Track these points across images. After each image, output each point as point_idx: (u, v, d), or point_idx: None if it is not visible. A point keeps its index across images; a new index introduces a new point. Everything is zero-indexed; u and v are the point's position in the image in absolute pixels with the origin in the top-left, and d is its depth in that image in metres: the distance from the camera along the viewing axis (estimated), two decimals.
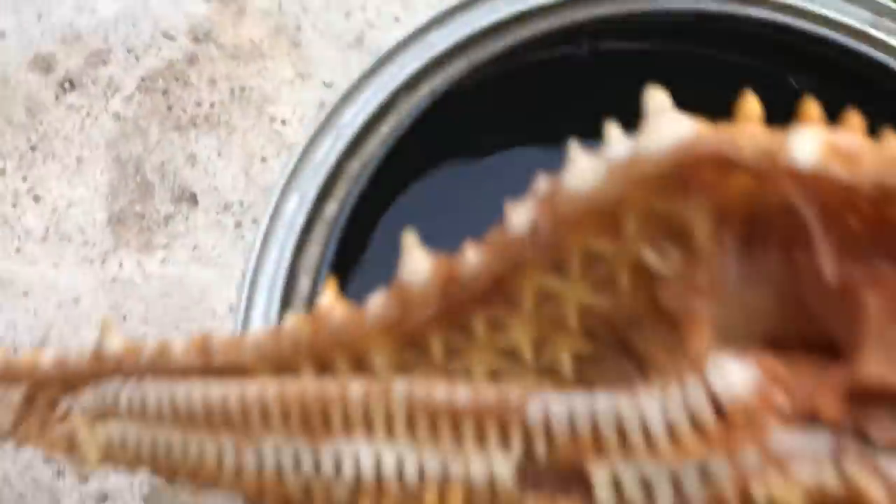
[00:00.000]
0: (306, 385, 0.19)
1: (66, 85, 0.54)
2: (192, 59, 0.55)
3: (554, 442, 0.18)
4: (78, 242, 0.51)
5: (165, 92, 0.54)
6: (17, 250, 0.51)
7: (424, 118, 0.25)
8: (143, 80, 0.54)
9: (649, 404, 0.17)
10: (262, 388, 0.19)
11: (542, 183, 0.18)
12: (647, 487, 0.17)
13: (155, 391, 0.20)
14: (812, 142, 0.16)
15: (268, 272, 0.23)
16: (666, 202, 0.17)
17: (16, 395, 0.22)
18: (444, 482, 0.18)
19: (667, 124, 0.16)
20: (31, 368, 0.22)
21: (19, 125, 0.53)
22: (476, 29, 0.26)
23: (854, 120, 0.16)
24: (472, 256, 0.18)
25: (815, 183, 0.16)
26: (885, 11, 0.27)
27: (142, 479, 0.48)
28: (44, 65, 0.54)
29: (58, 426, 0.22)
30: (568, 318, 0.19)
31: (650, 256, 0.18)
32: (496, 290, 0.18)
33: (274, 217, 0.23)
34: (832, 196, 0.16)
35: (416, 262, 0.18)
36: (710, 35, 0.27)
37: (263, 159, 0.53)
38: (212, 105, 0.54)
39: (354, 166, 0.25)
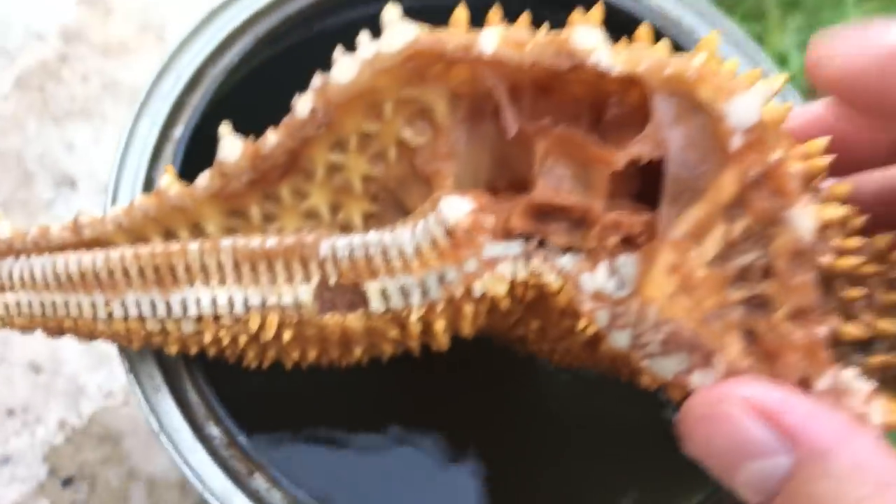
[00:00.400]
0: (155, 246, 0.25)
1: None
2: (63, 58, 0.59)
3: (340, 269, 0.24)
4: None
5: (41, 89, 0.58)
6: None
7: (250, 58, 0.31)
8: (18, 78, 0.58)
9: (403, 234, 0.24)
10: (121, 252, 0.25)
11: (316, 78, 0.24)
12: (405, 294, 0.24)
13: (39, 264, 0.25)
14: (493, 35, 0.23)
15: (128, 179, 0.28)
16: (412, 90, 0.24)
17: None
18: (264, 310, 0.24)
19: (398, 30, 0.23)
20: None
21: None
22: None
23: (524, 19, 0.23)
24: (271, 137, 0.25)
25: (497, 64, 0.23)
26: None
27: (42, 440, 0.51)
28: None
29: None
30: (354, 185, 0.25)
31: (407, 132, 0.24)
32: (293, 163, 0.25)
33: (130, 135, 0.29)
34: (512, 73, 0.23)
35: (230, 144, 0.25)
36: None
37: None
38: (86, 99, 0.59)
39: (196, 97, 0.30)
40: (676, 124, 0.23)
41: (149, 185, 0.28)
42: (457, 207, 0.23)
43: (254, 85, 0.31)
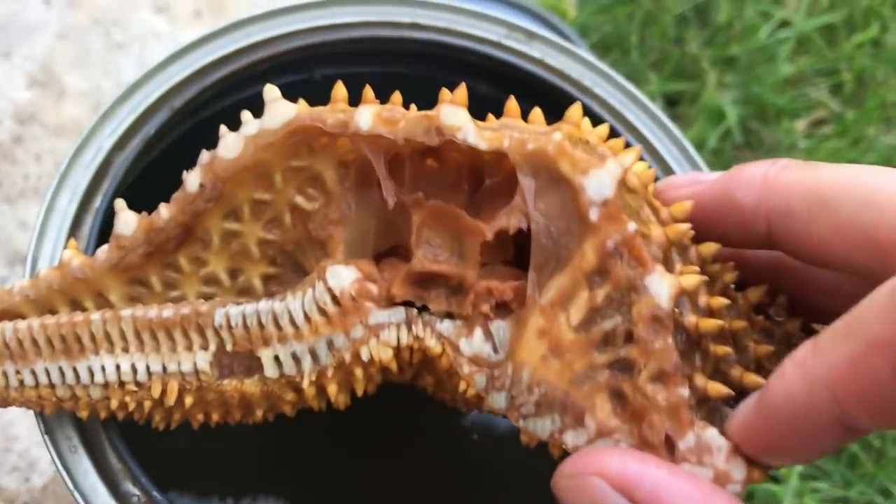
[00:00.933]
0: (61, 317, 0.26)
1: None
2: (17, 139, 0.61)
3: (234, 336, 0.25)
4: None
5: None
6: None
7: (167, 130, 0.32)
8: None
9: (293, 302, 0.25)
10: (29, 323, 0.26)
11: (204, 155, 0.26)
12: (297, 360, 0.25)
13: None
14: (367, 112, 0.24)
15: (47, 250, 0.30)
16: (300, 161, 0.26)
17: None
18: (165, 376, 0.25)
19: (279, 107, 0.25)
20: None
21: None
22: (210, 59, 0.34)
23: (395, 97, 0.25)
24: (164, 211, 0.26)
25: (373, 139, 0.24)
26: (515, 28, 0.37)
27: None
28: None
29: None
30: (251, 250, 0.26)
31: (299, 199, 0.26)
32: (188, 234, 0.26)
33: (49, 207, 0.30)
34: (390, 145, 0.25)
35: (125, 218, 0.26)
36: (387, 56, 0.36)
37: None
38: (39, 177, 0.60)
39: (115, 167, 0.32)
40: (541, 196, 0.24)
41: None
42: (342, 276, 0.25)
43: (172, 155, 0.32)
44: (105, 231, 0.30)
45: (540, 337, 0.24)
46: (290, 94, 0.26)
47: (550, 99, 0.35)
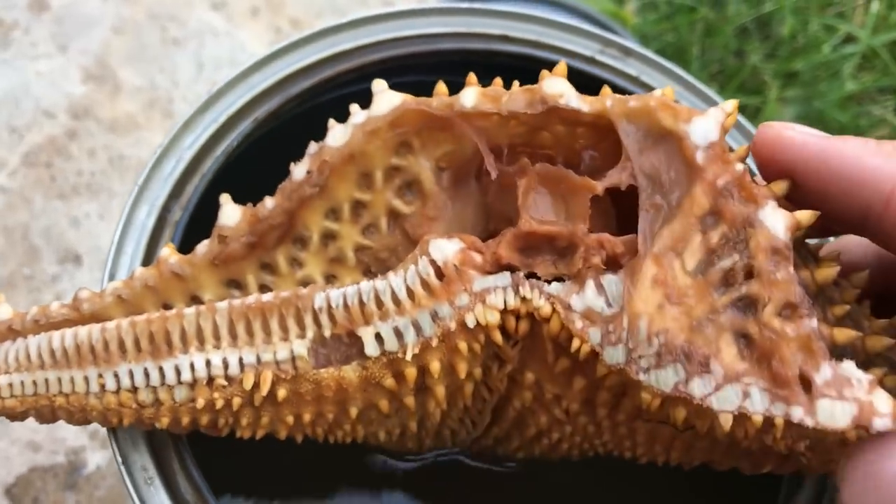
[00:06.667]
0: (151, 314, 0.25)
1: None
2: (72, 134, 0.60)
3: (335, 318, 0.24)
4: None
5: (48, 164, 0.59)
6: None
7: (247, 140, 0.31)
8: (26, 155, 0.59)
9: (394, 279, 0.24)
10: (118, 322, 0.25)
11: (312, 146, 0.26)
12: (399, 335, 0.24)
13: (35, 342, 0.26)
14: (471, 92, 0.24)
15: (124, 263, 0.29)
16: (400, 159, 0.26)
17: None
18: (259, 367, 0.25)
19: (386, 97, 0.25)
20: None
21: None
22: (294, 68, 0.33)
23: (497, 81, 0.25)
24: (268, 201, 0.26)
25: (478, 116, 0.24)
26: (610, 43, 0.35)
27: (8, 470, 0.51)
28: None
29: None
30: (347, 255, 0.26)
31: (396, 201, 0.26)
32: (290, 227, 0.26)
33: (128, 220, 0.29)
34: (491, 130, 0.24)
35: (230, 210, 0.26)
36: (476, 68, 0.35)
37: None
38: (92, 174, 0.59)
39: (195, 180, 0.31)
40: (645, 151, 0.24)
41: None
42: (446, 248, 0.24)
43: (249, 166, 0.31)
44: (183, 246, 0.29)
45: (655, 286, 0.23)
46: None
47: None
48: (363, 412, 0.26)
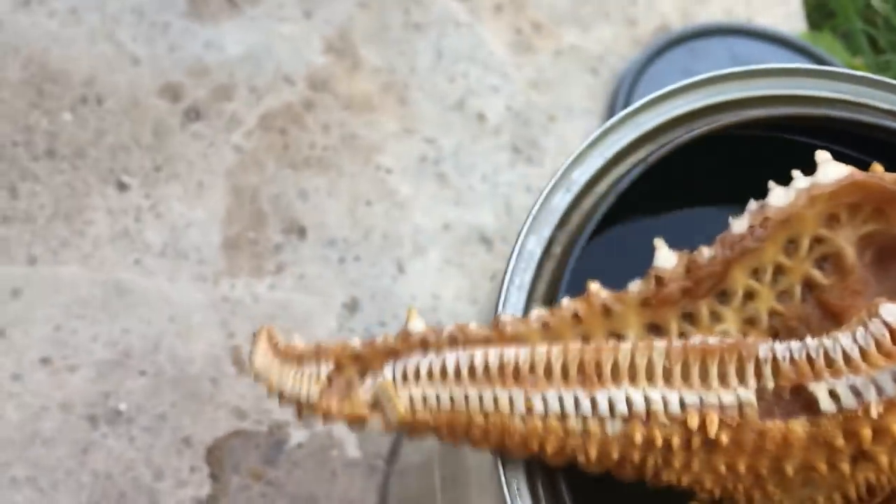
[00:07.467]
0: (583, 346, 0.24)
1: (192, 114, 0.58)
2: (308, 105, 0.60)
3: (780, 371, 0.24)
4: (193, 261, 0.55)
5: (283, 131, 0.59)
6: (136, 262, 0.54)
7: (632, 183, 0.30)
8: (263, 118, 0.59)
9: (843, 338, 0.24)
10: (547, 347, 0.25)
11: (752, 203, 0.27)
12: (857, 393, 0.24)
13: (453, 358, 0.25)
14: None
15: (511, 301, 0.27)
16: (827, 231, 0.26)
17: (322, 371, 0.26)
18: (703, 408, 0.24)
19: (831, 167, 0.26)
20: (340, 349, 0.27)
21: (146, 146, 0.57)
22: (674, 115, 0.31)
23: None
24: (706, 251, 0.26)
25: None
26: None
27: (239, 484, 0.51)
28: (172, 93, 0.59)
29: (360, 394, 0.26)
30: (761, 316, 0.27)
31: (815, 272, 0.27)
32: (723, 277, 0.25)
33: (521, 252, 0.28)
34: None
35: (666, 254, 0.26)
36: (866, 142, 0.32)
37: (368, 203, 0.58)
38: (324, 148, 0.59)
39: (575, 217, 0.29)
40: None
41: (527, 307, 0.28)
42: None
43: (635, 204, 0.30)
44: (551, 285, 0.28)
45: None
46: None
47: None
48: (798, 472, 0.25)
